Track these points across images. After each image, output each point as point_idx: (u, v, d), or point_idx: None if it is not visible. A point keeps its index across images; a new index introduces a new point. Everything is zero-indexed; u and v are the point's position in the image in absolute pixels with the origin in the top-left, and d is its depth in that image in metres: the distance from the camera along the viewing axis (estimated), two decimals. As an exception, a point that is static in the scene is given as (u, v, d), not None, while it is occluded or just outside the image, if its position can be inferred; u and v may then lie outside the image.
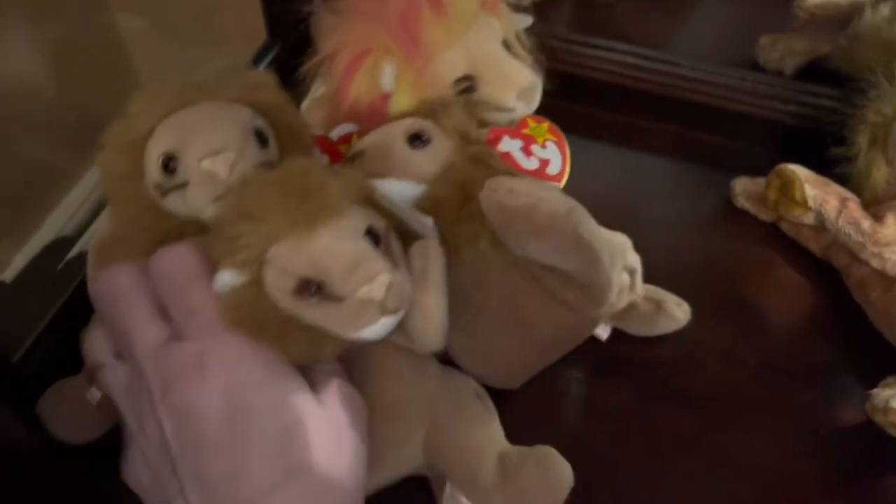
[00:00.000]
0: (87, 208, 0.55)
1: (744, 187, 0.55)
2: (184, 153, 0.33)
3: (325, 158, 0.42)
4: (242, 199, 0.30)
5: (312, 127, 0.40)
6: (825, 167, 0.50)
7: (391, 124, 0.39)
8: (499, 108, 0.41)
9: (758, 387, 0.45)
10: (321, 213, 0.29)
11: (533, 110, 0.42)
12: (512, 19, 0.42)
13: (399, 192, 0.37)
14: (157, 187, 0.33)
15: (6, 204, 0.50)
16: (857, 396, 0.44)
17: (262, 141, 0.34)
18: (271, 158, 0.35)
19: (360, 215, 0.31)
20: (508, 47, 0.42)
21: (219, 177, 0.32)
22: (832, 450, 0.42)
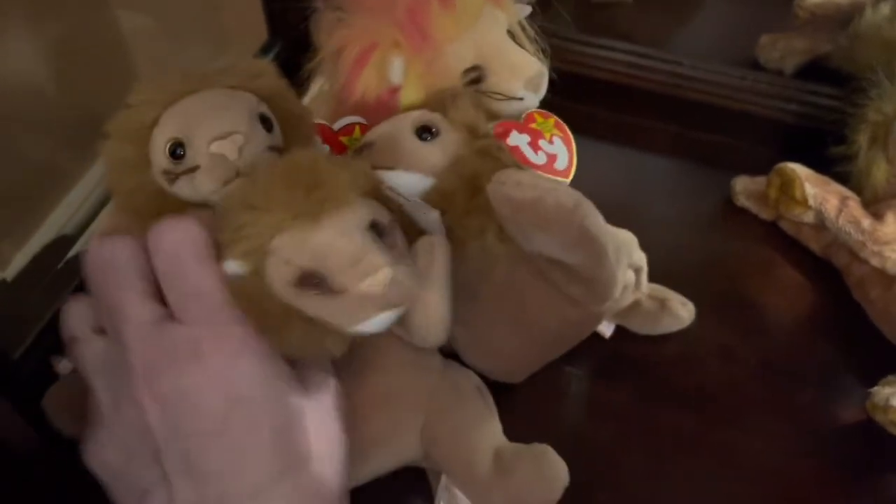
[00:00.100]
0: (88, 207, 0.55)
1: (744, 186, 0.55)
2: (192, 138, 0.33)
3: (327, 148, 0.42)
4: (248, 188, 0.30)
5: (314, 115, 0.40)
6: (825, 166, 0.50)
7: (399, 116, 0.39)
8: (507, 98, 0.41)
9: (758, 385, 0.45)
10: (325, 206, 0.29)
11: (540, 99, 0.42)
12: (515, 9, 0.43)
13: (407, 184, 0.36)
14: (166, 174, 0.33)
15: (7, 203, 0.50)
16: (857, 395, 0.44)
17: (267, 126, 0.34)
18: (277, 143, 0.35)
19: (365, 208, 0.30)
20: (513, 37, 0.42)
21: (228, 160, 0.32)
22: (832, 448, 0.42)
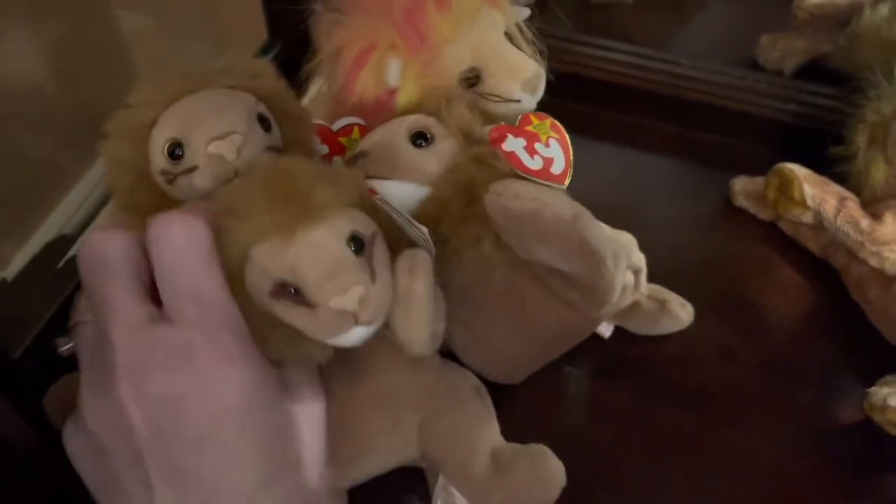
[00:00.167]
0: (88, 207, 0.55)
1: (743, 186, 0.55)
2: (190, 138, 0.33)
3: (326, 149, 0.42)
4: (230, 193, 0.30)
5: (313, 115, 0.40)
6: (824, 166, 0.50)
7: (393, 122, 0.39)
8: (504, 100, 0.41)
9: (758, 385, 0.45)
10: (303, 218, 0.29)
11: (538, 100, 0.42)
12: (512, 11, 0.43)
13: (403, 194, 0.36)
14: (164, 174, 0.33)
15: (7, 202, 0.50)
16: (856, 395, 0.44)
17: (265, 126, 0.34)
18: (276, 143, 0.35)
19: (345, 220, 0.30)
20: (511, 39, 0.42)
21: (226, 160, 0.32)
22: (832, 448, 0.42)
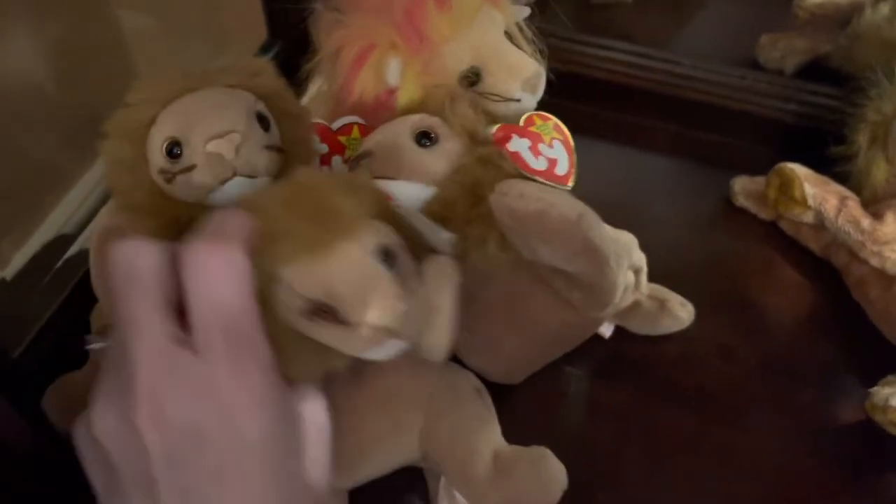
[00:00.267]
0: (88, 206, 0.55)
1: (743, 186, 0.55)
2: (189, 137, 0.33)
3: (325, 148, 0.42)
4: (255, 214, 0.28)
5: (312, 114, 0.40)
6: (825, 166, 0.50)
7: (397, 121, 0.38)
8: (504, 99, 0.41)
9: (758, 385, 0.45)
10: (333, 235, 0.28)
11: (538, 100, 0.42)
12: (512, 10, 0.42)
13: (408, 194, 0.36)
14: (162, 173, 0.33)
15: (7, 201, 0.50)
16: (857, 395, 0.44)
17: (264, 125, 0.34)
18: (275, 142, 0.35)
19: (373, 234, 0.29)
20: (511, 38, 0.42)
21: (225, 159, 0.32)
22: (832, 448, 0.42)
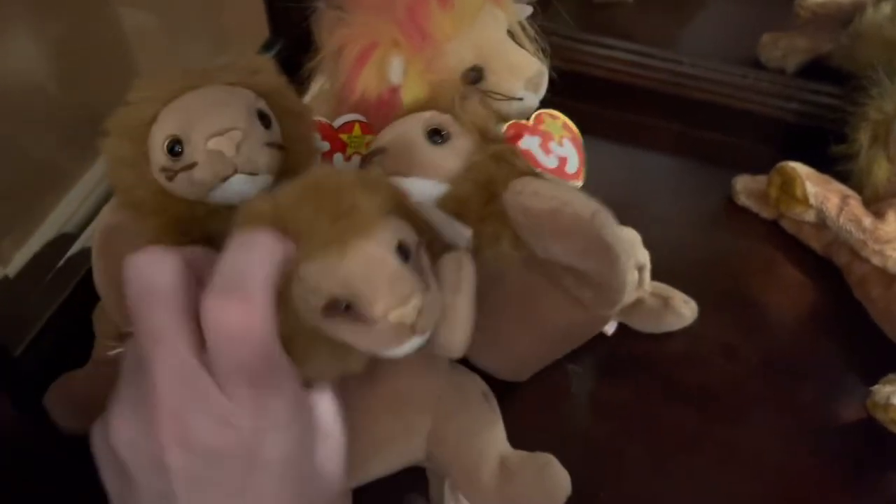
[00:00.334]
0: (89, 205, 0.55)
1: (745, 185, 0.55)
2: (190, 135, 0.33)
3: (326, 145, 0.42)
4: (273, 214, 0.28)
5: (314, 113, 0.40)
6: (826, 165, 0.50)
7: (408, 118, 0.38)
8: (507, 98, 0.41)
9: (760, 384, 0.45)
10: (353, 232, 0.28)
11: (540, 98, 0.42)
12: (515, 9, 0.43)
13: (422, 190, 0.36)
14: (164, 170, 0.33)
15: (8, 200, 0.50)
16: (858, 393, 0.44)
17: (265, 122, 0.34)
18: (276, 140, 0.35)
19: (391, 231, 0.29)
20: (513, 37, 0.42)
21: (226, 156, 0.32)
22: (834, 446, 0.42)
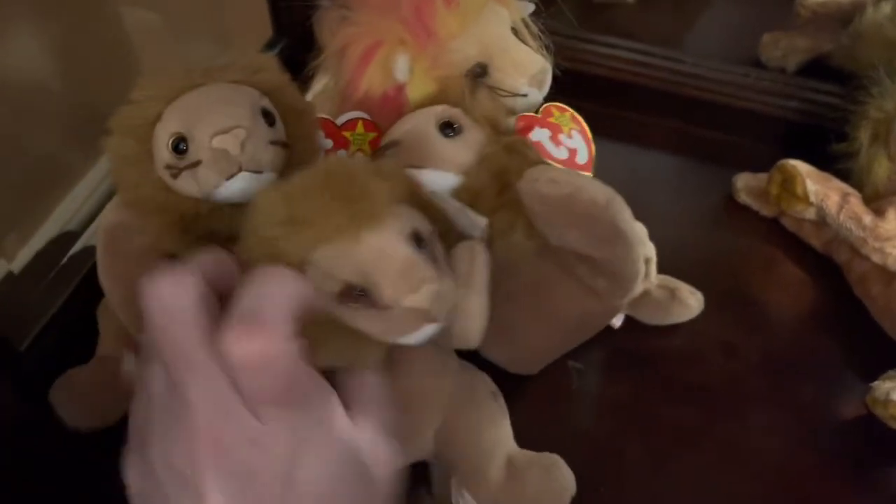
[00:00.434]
0: (93, 203, 0.56)
1: (745, 183, 0.55)
2: (194, 133, 0.33)
3: (329, 143, 0.42)
4: (282, 201, 0.28)
5: (318, 111, 0.40)
6: (827, 163, 0.50)
7: (421, 112, 0.39)
8: (511, 94, 0.41)
9: (760, 381, 0.45)
10: (367, 219, 0.28)
11: (544, 95, 0.42)
12: (518, 6, 0.43)
13: (436, 182, 0.36)
14: (168, 169, 0.34)
15: (12, 197, 0.50)
16: (858, 390, 0.44)
17: (269, 120, 0.35)
18: (280, 138, 0.35)
19: (405, 218, 0.30)
20: (517, 34, 0.42)
21: (230, 154, 0.32)
22: (834, 443, 0.42)
